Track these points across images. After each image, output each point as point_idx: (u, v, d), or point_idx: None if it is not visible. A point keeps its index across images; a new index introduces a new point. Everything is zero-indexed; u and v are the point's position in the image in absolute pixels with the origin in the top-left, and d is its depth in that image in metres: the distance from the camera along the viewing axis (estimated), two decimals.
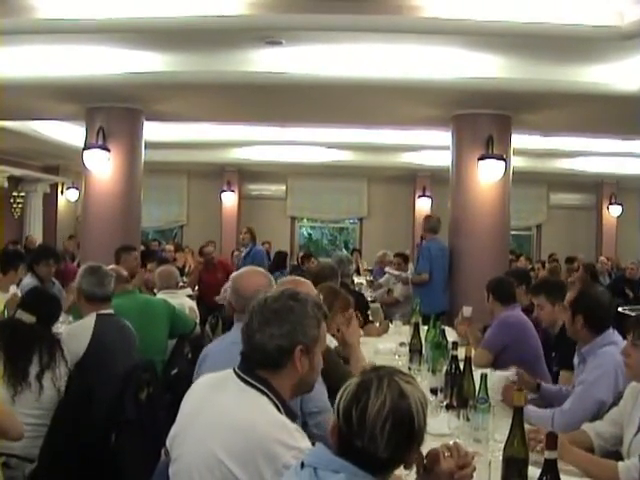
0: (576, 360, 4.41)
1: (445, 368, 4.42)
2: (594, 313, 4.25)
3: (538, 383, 4.55)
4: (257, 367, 2.59)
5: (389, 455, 2.04)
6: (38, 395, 4.14)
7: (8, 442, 3.96)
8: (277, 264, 13.20)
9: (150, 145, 11.04)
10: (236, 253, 13.30)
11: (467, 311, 6.41)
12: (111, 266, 6.49)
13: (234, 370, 2.65)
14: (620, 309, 8.97)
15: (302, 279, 4.25)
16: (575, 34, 6.91)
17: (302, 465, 2.13)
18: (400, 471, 2.25)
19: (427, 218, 10.54)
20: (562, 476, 2.54)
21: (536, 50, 7.85)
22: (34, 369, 4.16)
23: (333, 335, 4.68)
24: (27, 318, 4.35)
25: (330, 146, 15.67)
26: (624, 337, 4.16)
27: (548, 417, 4.02)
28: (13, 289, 6.83)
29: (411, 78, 8.37)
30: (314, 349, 2.66)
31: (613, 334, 4.23)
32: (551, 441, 2.47)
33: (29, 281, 7.56)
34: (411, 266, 11.33)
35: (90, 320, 4.98)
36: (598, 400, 3.97)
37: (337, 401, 2.12)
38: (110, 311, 5.29)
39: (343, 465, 2.05)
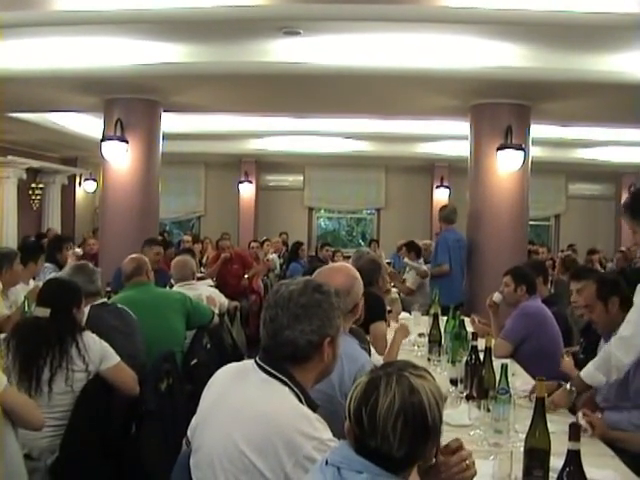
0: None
1: (465, 359, 4.41)
2: (626, 292, 4.23)
3: (559, 383, 4.47)
4: (282, 360, 2.59)
5: (405, 453, 2.00)
6: (48, 400, 4.13)
7: (30, 440, 3.99)
8: (293, 255, 13.25)
9: (168, 136, 11.04)
10: (254, 244, 13.23)
11: (498, 297, 6.34)
12: (134, 255, 6.52)
13: (255, 361, 2.65)
14: None
15: (347, 265, 4.13)
16: (595, 22, 6.85)
17: (327, 462, 2.12)
18: None
19: (442, 208, 10.53)
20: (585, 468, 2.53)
21: (555, 39, 7.79)
22: (45, 375, 4.14)
23: None
24: (42, 312, 4.34)
25: (348, 136, 15.63)
26: None
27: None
28: (33, 282, 6.85)
29: (429, 68, 8.33)
30: (338, 338, 2.68)
31: None
32: (574, 432, 2.46)
33: (49, 267, 7.64)
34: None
35: (83, 311, 5.00)
36: None
37: (347, 402, 2.10)
38: (103, 301, 5.41)
39: (366, 465, 2.03)
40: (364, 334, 4.45)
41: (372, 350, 4.86)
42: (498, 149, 9.66)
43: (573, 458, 2.48)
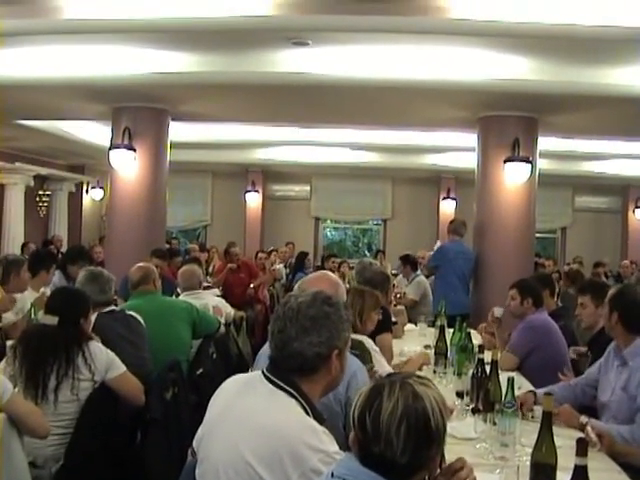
0: (613, 360, 4.35)
1: (471, 371, 4.39)
2: (631, 312, 4.22)
3: (534, 392, 4.43)
4: (290, 372, 2.59)
5: (409, 459, 2.01)
6: (54, 408, 4.12)
7: (35, 448, 3.99)
8: (299, 265, 13.22)
9: (175, 145, 11.05)
10: (261, 255, 13.19)
11: (499, 311, 6.37)
12: (141, 264, 6.52)
13: (262, 372, 2.65)
14: None
15: (328, 273, 4.20)
16: (603, 36, 6.85)
17: (332, 474, 2.11)
18: None
19: (452, 221, 10.59)
20: None
21: (563, 52, 7.79)
22: (52, 383, 4.13)
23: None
24: (50, 320, 4.35)
25: (355, 147, 15.63)
26: None
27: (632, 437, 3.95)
28: (43, 289, 6.85)
29: (437, 80, 8.34)
30: (345, 350, 2.68)
31: None
32: (581, 447, 2.45)
33: (57, 280, 7.63)
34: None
35: (91, 320, 4.99)
36: None
37: (352, 410, 2.11)
38: (111, 308, 5.39)
39: (372, 477, 2.03)
40: (360, 342, 4.44)
41: (382, 360, 4.85)
42: (505, 161, 9.67)
43: (580, 473, 2.46)
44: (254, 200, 19.06)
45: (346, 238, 21.38)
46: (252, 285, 11.25)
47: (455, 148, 14.42)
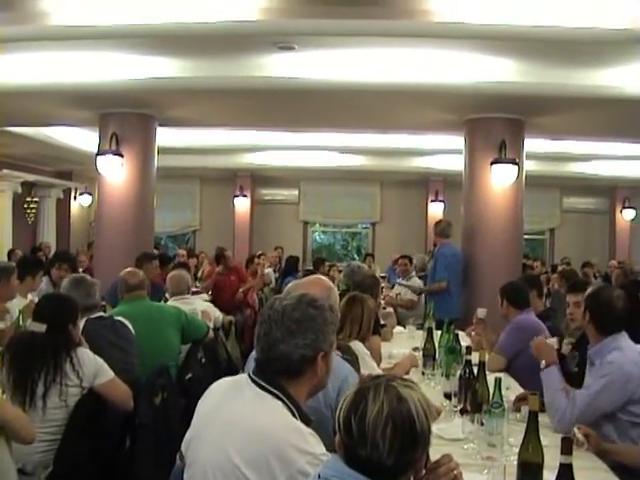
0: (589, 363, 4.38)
1: (459, 373, 4.41)
2: (600, 313, 4.22)
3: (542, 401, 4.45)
4: (276, 375, 2.60)
5: (395, 461, 2.02)
6: (42, 414, 4.11)
7: (24, 454, 3.97)
8: (289, 269, 13.21)
9: (163, 150, 11.05)
10: (257, 260, 13.08)
11: (482, 312, 6.42)
12: (129, 269, 6.52)
13: (249, 375, 2.66)
14: None
15: (321, 277, 4.24)
16: (588, 38, 6.89)
17: (319, 476, 2.12)
18: None
19: (437, 223, 10.47)
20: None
21: (549, 54, 7.83)
22: (40, 389, 4.12)
23: None
24: (38, 327, 4.34)
25: (343, 151, 15.65)
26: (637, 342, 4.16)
27: (556, 408, 4.02)
28: (31, 296, 6.83)
29: (424, 83, 8.36)
30: (331, 353, 2.69)
31: (621, 338, 4.17)
32: (566, 446, 2.47)
33: (44, 286, 7.62)
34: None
35: (79, 326, 4.98)
36: (598, 409, 3.95)
37: (337, 413, 2.12)
38: (99, 314, 5.39)
39: (358, 478, 2.04)
40: (348, 347, 4.46)
41: (373, 364, 4.86)
42: (492, 163, 9.69)
43: (565, 472, 2.48)
44: (243, 205, 19.06)
45: (335, 242, 21.39)
46: (241, 290, 11.22)
47: (443, 151, 14.45)
